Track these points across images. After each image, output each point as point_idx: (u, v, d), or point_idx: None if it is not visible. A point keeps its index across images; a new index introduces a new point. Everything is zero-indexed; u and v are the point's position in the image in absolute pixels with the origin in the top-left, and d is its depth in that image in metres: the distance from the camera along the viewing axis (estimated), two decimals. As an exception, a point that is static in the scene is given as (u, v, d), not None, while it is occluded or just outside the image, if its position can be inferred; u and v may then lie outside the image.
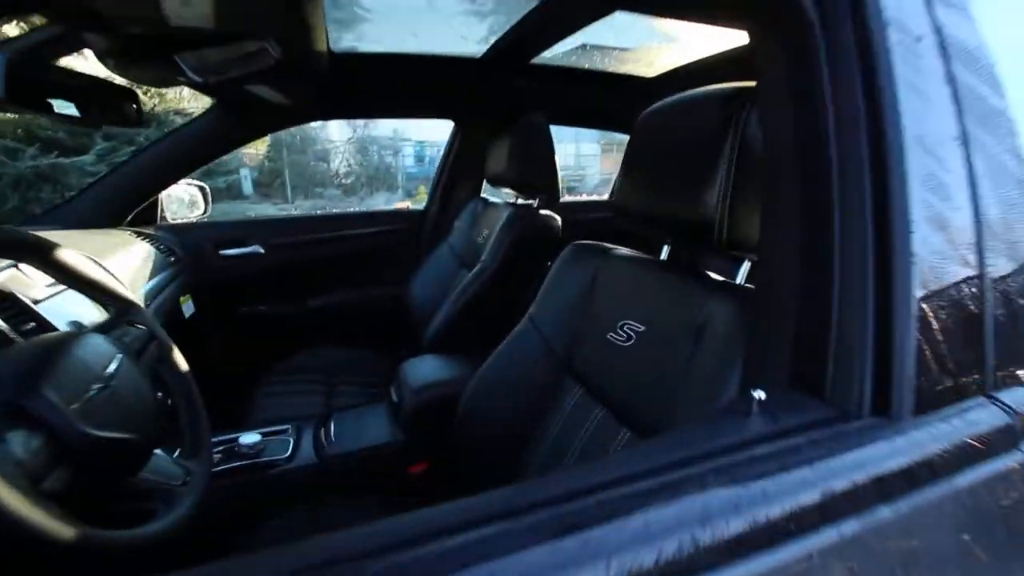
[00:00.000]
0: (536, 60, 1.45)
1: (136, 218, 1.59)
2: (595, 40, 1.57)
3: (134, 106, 0.99)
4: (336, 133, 12.95)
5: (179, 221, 1.73)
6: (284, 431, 1.15)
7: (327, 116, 1.63)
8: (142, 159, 1.49)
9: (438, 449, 1.11)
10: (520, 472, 0.93)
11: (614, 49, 1.67)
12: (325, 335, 1.86)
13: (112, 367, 0.60)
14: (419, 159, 13.69)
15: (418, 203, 2.00)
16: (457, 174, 1.91)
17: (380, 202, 12.18)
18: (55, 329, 0.81)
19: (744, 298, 0.66)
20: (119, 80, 0.93)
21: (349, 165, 13.21)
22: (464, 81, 1.50)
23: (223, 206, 10.32)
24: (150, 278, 1.35)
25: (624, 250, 0.95)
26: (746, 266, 0.73)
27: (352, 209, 11.26)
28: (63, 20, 0.68)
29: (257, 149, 11.52)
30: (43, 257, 0.62)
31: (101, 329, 0.67)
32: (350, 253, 1.91)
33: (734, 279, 0.75)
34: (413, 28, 1.34)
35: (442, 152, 1.97)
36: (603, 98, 1.72)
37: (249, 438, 1.04)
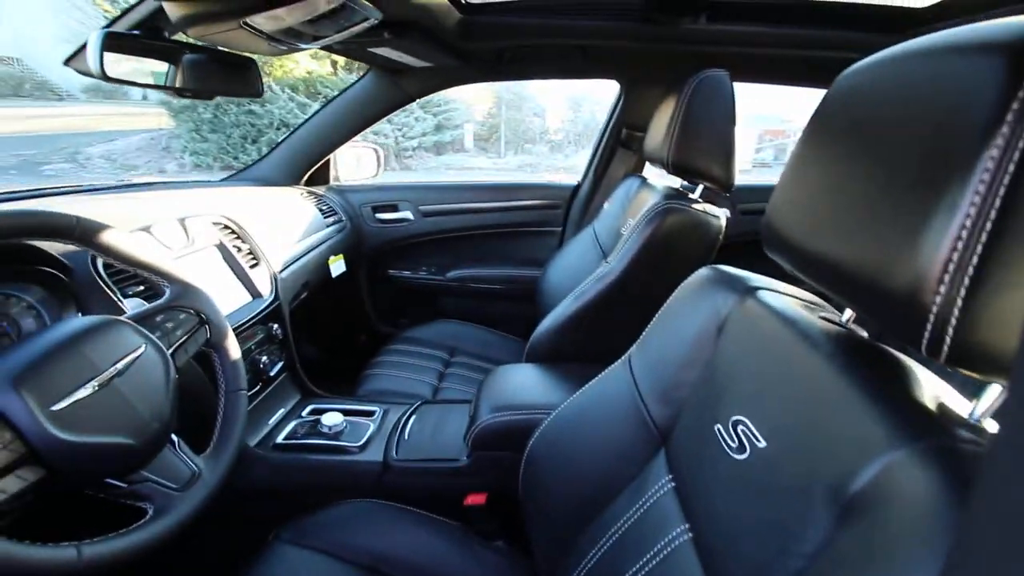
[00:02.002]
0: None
1: (314, 176, 1.74)
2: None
3: (255, 75, 1.00)
4: (550, 89, 13.14)
5: (349, 182, 1.84)
6: (371, 414, 1.13)
7: (477, 79, 1.50)
8: (313, 122, 1.59)
9: (499, 482, 0.96)
10: (578, 552, 0.72)
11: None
12: (460, 308, 1.84)
13: (125, 361, 0.59)
14: (631, 116, 13.00)
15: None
16: (616, 145, 1.62)
17: (583, 159, 12.05)
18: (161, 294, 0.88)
19: (970, 470, 0.32)
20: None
21: (561, 121, 13.35)
22: (627, 30, 1.19)
23: (446, 158, 11.54)
24: (303, 237, 1.45)
25: (779, 292, 0.61)
26: (993, 395, 0.36)
27: (560, 165, 11.43)
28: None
29: (483, 105, 12.44)
30: (87, 239, 0.62)
31: (145, 314, 0.67)
32: (495, 226, 1.81)
33: (966, 405, 0.39)
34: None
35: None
36: (834, 41, 1.20)
37: (331, 419, 1.04)
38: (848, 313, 0.55)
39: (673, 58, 1.31)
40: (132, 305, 0.71)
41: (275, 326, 1.15)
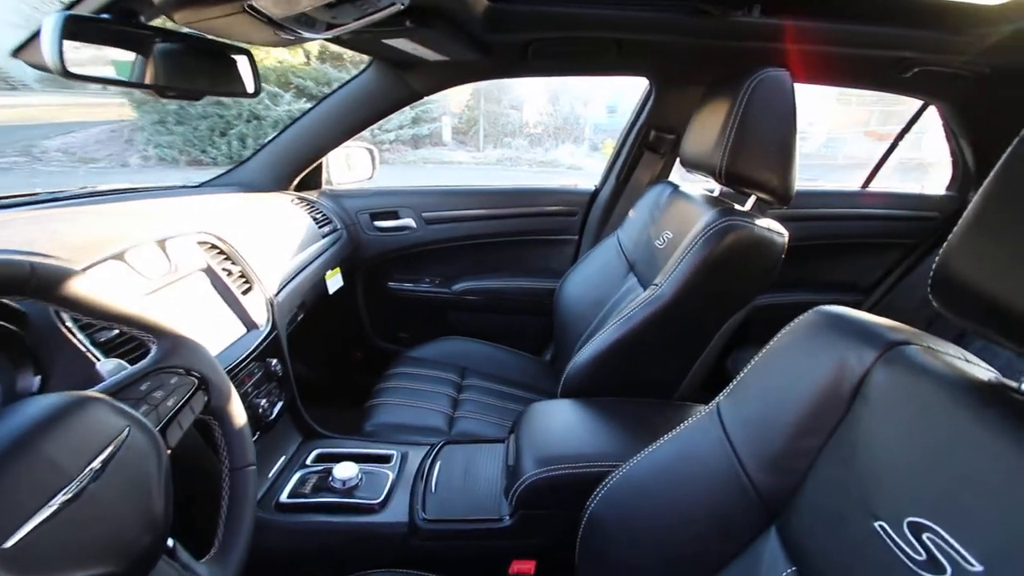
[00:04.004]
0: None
1: (305, 180, 1.57)
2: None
3: (251, 71, 0.84)
4: (530, 81, 12.98)
5: (342, 186, 1.68)
6: (388, 459, 0.99)
7: (496, 74, 1.34)
8: (305, 121, 1.42)
9: (548, 545, 0.84)
10: None
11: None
12: (467, 323, 1.70)
13: (103, 457, 0.44)
14: (611, 111, 13.01)
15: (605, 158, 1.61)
16: (643, 149, 1.49)
17: (565, 154, 11.99)
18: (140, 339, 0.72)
19: None
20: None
21: (539, 115, 13.22)
22: (671, 22, 1.06)
23: (424, 152, 11.26)
24: (299, 251, 1.29)
25: (928, 347, 0.50)
26: None
27: (540, 158, 11.30)
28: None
29: (460, 98, 12.19)
30: (46, 292, 0.47)
31: (127, 382, 0.52)
32: (506, 234, 1.67)
33: None
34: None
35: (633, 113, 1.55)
36: (892, 40, 1.10)
37: (344, 471, 0.90)
38: None
39: (714, 54, 1.19)
40: (109, 368, 0.55)
41: (274, 361, 0.99)
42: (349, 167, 1.69)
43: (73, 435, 0.43)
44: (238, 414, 0.62)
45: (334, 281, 1.47)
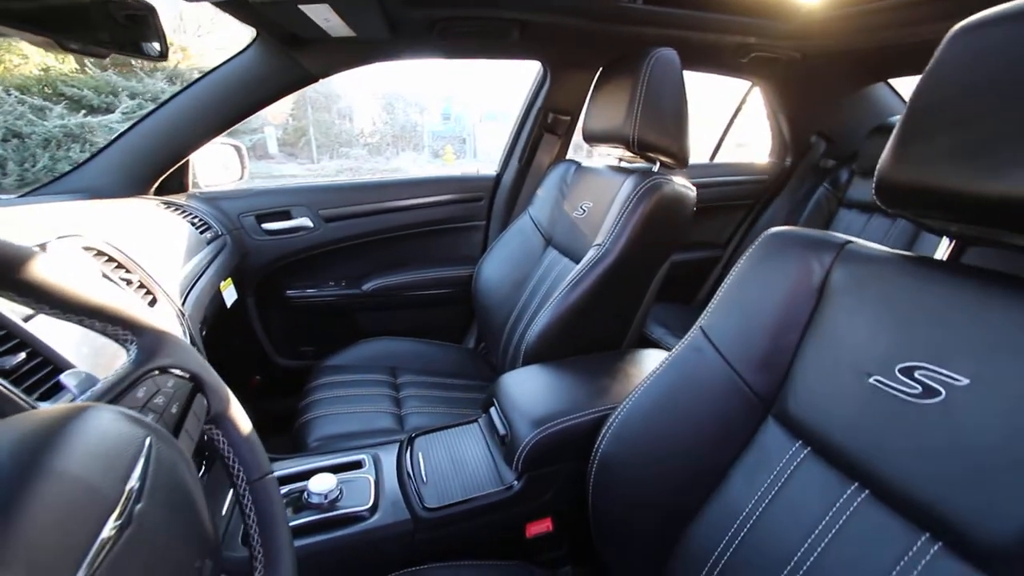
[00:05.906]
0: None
1: (165, 183, 1.32)
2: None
3: (154, 30, 0.70)
4: (359, 89, 12.57)
5: (213, 188, 1.46)
6: (360, 465, 0.90)
7: (397, 55, 1.28)
8: (168, 112, 1.21)
9: (562, 501, 0.85)
10: (693, 552, 0.67)
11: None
12: (382, 323, 1.61)
13: (137, 473, 0.34)
14: (446, 118, 13.23)
15: (447, 164, 1.67)
16: (542, 131, 1.57)
17: (407, 161, 11.87)
18: (54, 362, 0.56)
19: None
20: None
21: (374, 123, 12.87)
22: (566, 4, 1.15)
23: (250, 166, 10.17)
24: (186, 260, 1.09)
25: (871, 245, 0.64)
26: None
27: (383, 168, 10.98)
28: None
29: (281, 107, 11.21)
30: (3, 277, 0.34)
31: (121, 387, 0.40)
32: (412, 226, 1.62)
33: None
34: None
35: (525, 103, 1.62)
36: (743, 27, 1.33)
37: (322, 484, 0.80)
38: (942, 251, 0.60)
39: (604, 40, 1.31)
40: (77, 382, 0.42)
41: (204, 381, 0.83)
42: (218, 166, 1.47)
43: (95, 450, 0.33)
44: (242, 418, 0.52)
45: (229, 293, 1.27)
